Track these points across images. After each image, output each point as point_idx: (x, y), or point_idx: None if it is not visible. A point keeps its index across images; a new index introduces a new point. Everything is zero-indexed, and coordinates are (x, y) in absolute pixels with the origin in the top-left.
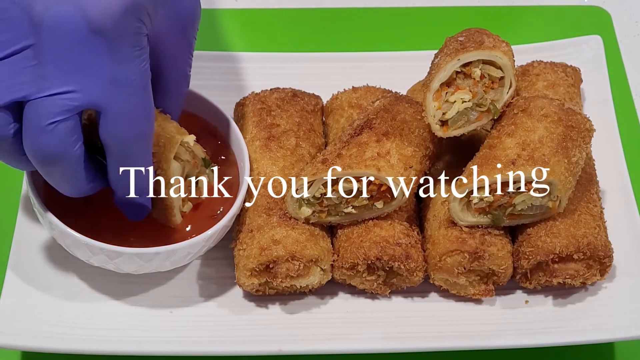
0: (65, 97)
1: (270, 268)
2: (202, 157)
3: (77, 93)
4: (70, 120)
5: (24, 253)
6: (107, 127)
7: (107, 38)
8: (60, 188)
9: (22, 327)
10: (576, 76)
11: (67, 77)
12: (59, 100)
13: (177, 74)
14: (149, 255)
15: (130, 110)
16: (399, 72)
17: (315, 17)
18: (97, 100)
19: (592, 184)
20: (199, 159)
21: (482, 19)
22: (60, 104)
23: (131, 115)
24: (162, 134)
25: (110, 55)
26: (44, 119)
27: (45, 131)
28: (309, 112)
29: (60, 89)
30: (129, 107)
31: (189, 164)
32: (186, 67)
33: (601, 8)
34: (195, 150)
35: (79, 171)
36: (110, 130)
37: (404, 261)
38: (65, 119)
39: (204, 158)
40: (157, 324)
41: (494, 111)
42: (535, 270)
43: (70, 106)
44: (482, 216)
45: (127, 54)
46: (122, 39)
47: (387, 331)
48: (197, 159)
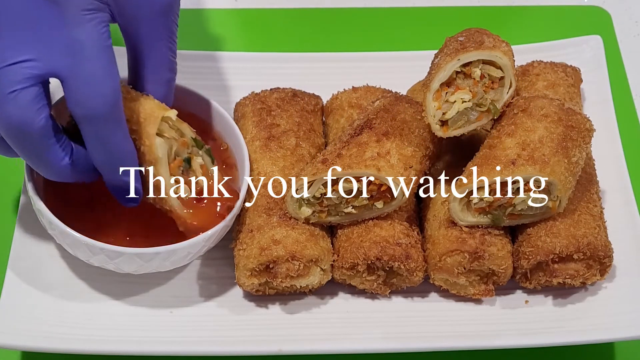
0: (25, 65)
1: (270, 268)
2: (192, 137)
3: (36, 61)
4: (31, 89)
5: (24, 253)
6: (71, 96)
7: (58, 4)
8: (38, 168)
9: (22, 327)
10: (576, 76)
11: (24, 46)
12: (19, 69)
13: (156, 58)
14: (149, 255)
15: (90, 74)
16: (399, 72)
17: (315, 17)
18: (56, 67)
19: (592, 184)
20: (188, 139)
21: (482, 19)
22: (20, 73)
23: (92, 79)
24: (142, 110)
25: (64, 21)
26: (5, 87)
27: (7, 100)
28: (309, 112)
29: (18, 59)
30: (89, 71)
31: (176, 142)
32: (167, 52)
33: (601, 8)
34: (182, 128)
35: (48, 145)
36: (74, 97)
37: (404, 261)
38: (26, 87)
39: (194, 138)
40: (157, 324)
41: (494, 111)
42: (535, 270)
43: (29, 74)
44: (482, 216)
45: (79, 17)
46: (71, 3)
47: (387, 331)
48: (186, 138)
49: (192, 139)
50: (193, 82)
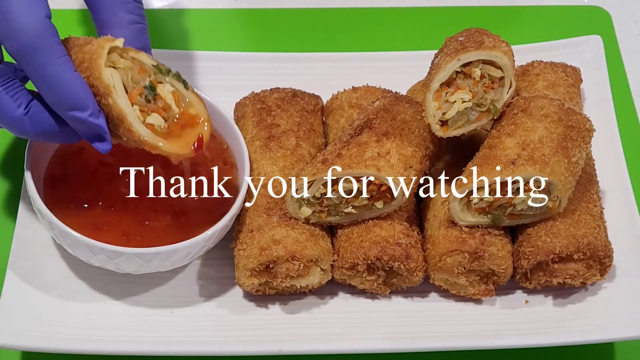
0: None
1: (270, 268)
2: (154, 64)
3: None
4: None
5: (24, 253)
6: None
7: None
8: None
9: (22, 327)
10: (576, 76)
11: None
12: None
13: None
14: (149, 255)
15: (13, 6)
16: (399, 72)
17: (315, 17)
18: None
19: (592, 184)
20: (147, 66)
21: (482, 19)
22: None
23: (16, 10)
24: (91, 48)
25: None
26: None
27: None
28: (309, 112)
29: None
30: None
31: (132, 70)
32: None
33: (601, 8)
34: (139, 57)
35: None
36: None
37: (404, 261)
38: None
39: (156, 65)
40: (157, 324)
41: (494, 111)
42: (535, 270)
43: None
44: (482, 216)
45: None
46: None
47: (387, 331)
48: (145, 66)
49: (152, 66)
50: (193, 82)
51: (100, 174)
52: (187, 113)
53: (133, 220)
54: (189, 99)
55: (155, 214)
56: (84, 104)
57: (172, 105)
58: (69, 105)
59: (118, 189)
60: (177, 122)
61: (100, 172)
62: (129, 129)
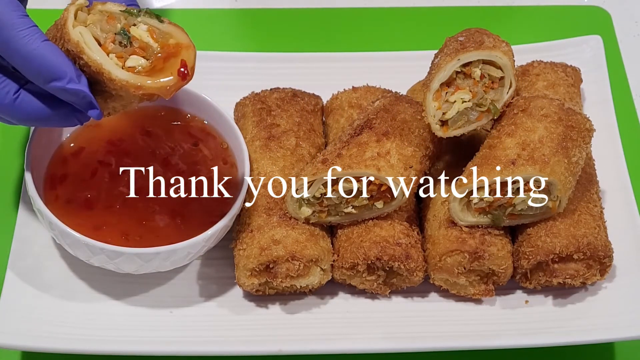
0: None
1: (270, 268)
2: (122, 10)
3: None
4: None
5: (24, 253)
6: None
7: None
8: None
9: (23, 327)
10: (576, 76)
11: None
12: None
13: None
14: (149, 255)
15: None
16: (399, 72)
17: (316, 17)
18: None
19: (592, 184)
20: (116, 13)
21: (482, 19)
22: None
23: None
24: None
25: None
26: None
27: None
28: (309, 112)
29: None
30: None
31: (101, 22)
32: None
33: (601, 8)
34: (107, 8)
35: None
36: None
37: (404, 261)
38: None
39: (124, 10)
40: (157, 324)
41: (494, 111)
42: (535, 270)
43: None
44: (482, 216)
45: None
46: None
47: (387, 331)
48: (113, 14)
49: (121, 12)
50: (193, 82)
51: (100, 173)
52: (167, 45)
53: (133, 220)
54: (167, 31)
55: (155, 214)
56: (59, 72)
57: (149, 42)
58: (46, 76)
59: (118, 189)
60: (160, 57)
61: (100, 172)
62: (109, 77)
